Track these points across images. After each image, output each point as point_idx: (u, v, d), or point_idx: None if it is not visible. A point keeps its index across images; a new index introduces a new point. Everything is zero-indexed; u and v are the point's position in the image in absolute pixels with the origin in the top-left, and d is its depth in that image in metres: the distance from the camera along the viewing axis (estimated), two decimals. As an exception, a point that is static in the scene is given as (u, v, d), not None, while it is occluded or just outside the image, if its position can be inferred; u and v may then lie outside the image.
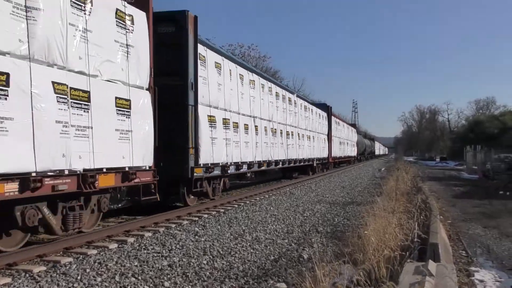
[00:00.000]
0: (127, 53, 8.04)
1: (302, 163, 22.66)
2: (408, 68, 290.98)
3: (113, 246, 7.07)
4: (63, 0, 6.45)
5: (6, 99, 5.48)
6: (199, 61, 10.85)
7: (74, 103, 6.63)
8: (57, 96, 6.25)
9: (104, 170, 7.36)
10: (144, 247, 7.06)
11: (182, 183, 10.75)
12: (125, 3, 8.12)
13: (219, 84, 12.10)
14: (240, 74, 13.84)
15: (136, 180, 8.19)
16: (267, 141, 16.37)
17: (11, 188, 5.66)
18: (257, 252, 7.02)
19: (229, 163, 12.64)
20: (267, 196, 14.46)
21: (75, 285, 5.18)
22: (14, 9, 5.69)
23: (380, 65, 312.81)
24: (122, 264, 6.07)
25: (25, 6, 5.84)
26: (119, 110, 7.74)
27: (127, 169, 7.93)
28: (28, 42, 5.85)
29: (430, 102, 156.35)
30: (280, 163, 18.46)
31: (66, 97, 6.41)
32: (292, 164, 20.57)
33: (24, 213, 6.11)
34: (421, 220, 8.06)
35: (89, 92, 6.94)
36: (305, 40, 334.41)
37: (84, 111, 6.82)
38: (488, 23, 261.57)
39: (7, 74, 5.52)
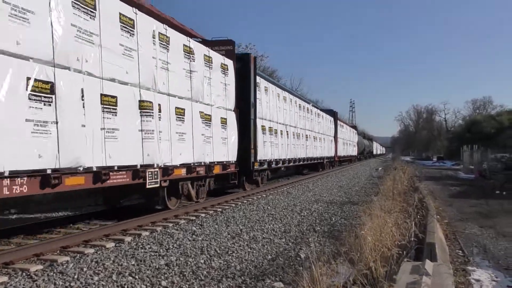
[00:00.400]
0: (225, 89, 12.63)
1: (315, 161, 27.15)
2: (405, 67, 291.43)
3: (110, 245, 7.07)
4: (204, 66, 11.30)
5: (183, 122, 10.16)
6: (256, 88, 15.12)
7: (205, 123, 11.22)
8: (201, 119, 11.00)
9: (215, 162, 11.85)
10: (141, 246, 7.06)
11: (244, 174, 14.50)
12: (225, 58, 12.73)
13: (266, 102, 16.64)
14: (277, 93, 18.47)
15: (229, 170, 12.73)
16: (294, 143, 20.86)
17: (182, 172, 10.04)
18: (254, 252, 7.02)
19: (272, 160, 17.09)
20: (264, 195, 14.46)
21: (72, 284, 5.18)
22: (187, 73, 10.40)
23: (378, 65, 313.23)
24: (119, 263, 6.07)
25: (190, 70, 10.47)
26: (222, 125, 12.33)
27: (225, 162, 12.51)
28: (191, 91, 10.56)
29: (427, 101, 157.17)
30: (302, 160, 22.94)
31: (204, 119, 11.12)
32: (308, 162, 25.10)
33: (182, 186, 10.62)
34: (418, 219, 8.08)
35: (210, 115, 11.56)
36: (303, 39, 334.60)
37: (209, 127, 11.43)
38: (485, 23, 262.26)
39: (184, 110, 10.14)
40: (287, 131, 19.58)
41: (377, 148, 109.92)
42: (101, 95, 7.38)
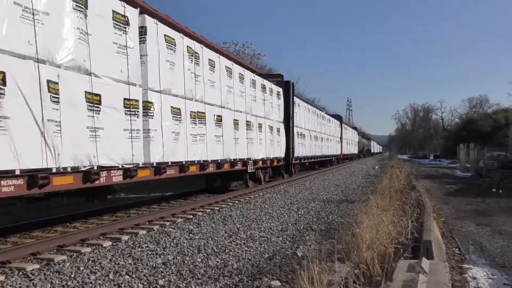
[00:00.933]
0: (279, 108, 18.65)
1: (327, 158, 33.50)
2: (402, 66, 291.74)
3: (107, 244, 7.06)
4: (270, 96, 17.24)
5: (261, 132, 16.04)
6: (294, 105, 20.94)
7: (271, 132, 17.20)
8: (269, 129, 16.96)
9: (275, 157, 17.87)
10: (138, 245, 7.05)
11: (283, 167, 20.08)
12: (278, 87, 18.54)
13: (299, 114, 22.64)
14: (305, 106, 24.84)
15: (280, 163, 18.89)
16: (314, 144, 27.11)
17: (261, 163, 16.08)
18: (251, 250, 7.02)
19: (301, 157, 23.22)
20: (261, 194, 14.47)
21: (68, 283, 5.17)
22: (263, 101, 16.49)
23: (375, 63, 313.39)
24: (116, 262, 6.06)
25: (264, 99, 16.30)
26: (277, 132, 18.24)
27: (278, 158, 18.42)
28: (264, 112, 16.45)
29: (424, 100, 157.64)
30: (318, 158, 29.23)
31: (270, 129, 17.09)
32: (322, 159, 31.40)
33: (258, 173, 16.34)
34: (414, 217, 8.10)
35: (273, 126, 17.46)
36: (300, 38, 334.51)
37: (272, 134, 17.30)
38: (482, 23, 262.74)
39: (261, 124, 16.08)
40: (310, 135, 25.72)
41: (375, 147, 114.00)
42: (233, 120, 13.52)
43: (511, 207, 14.27)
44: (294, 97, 21.25)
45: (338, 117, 42.35)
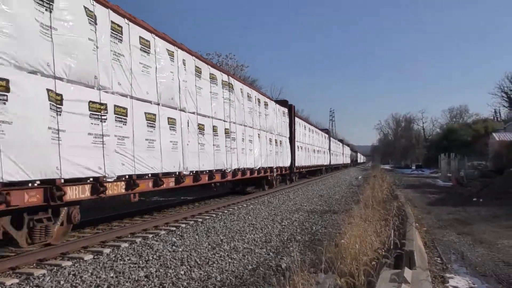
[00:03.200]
0: (286, 127, 23.84)
1: (318, 168, 38.31)
2: (383, 77, 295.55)
3: (89, 257, 6.96)
4: (282, 116, 23.18)
5: (277, 146, 21.58)
6: (295, 124, 26.23)
7: (280, 145, 21.99)
8: (287, 144, 24.03)
9: (285, 166, 23.19)
10: (120, 258, 6.97)
11: (287, 175, 24.99)
12: (285, 109, 23.75)
13: (299, 132, 28.14)
14: (302, 124, 30.46)
15: (286, 171, 23.95)
16: (310, 155, 32.66)
17: (279, 171, 22.54)
18: (235, 262, 6.99)
19: (299, 166, 27.86)
20: (245, 205, 14.43)
21: (48, 298, 5.08)
22: (280, 122, 22.79)
23: (357, 74, 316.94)
24: (97, 275, 5.97)
25: (282, 121, 23.50)
26: (285, 146, 23.24)
27: (287, 166, 23.66)
28: (282, 131, 23.08)
29: (406, 110, 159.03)
30: (312, 167, 34.63)
31: (286, 144, 23.60)
32: (315, 168, 36.55)
33: (274, 178, 21.58)
34: (397, 227, 8.16)
35: (282, 141, 22.36)
36: (283, 50, 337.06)
37: (282, 148, 22.48)
38: (459, 32, 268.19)
39: (277, 140, 21.69)
40: (306, 148, 30.84)
41: (360, 158, 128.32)
42: (268, 139, 19.62)
43: (491, 216, 14.47)
44: (296, 118, 27.28)
45: (326, 131, 48.69)
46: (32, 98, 6.15)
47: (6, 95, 5.73)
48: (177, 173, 10.59)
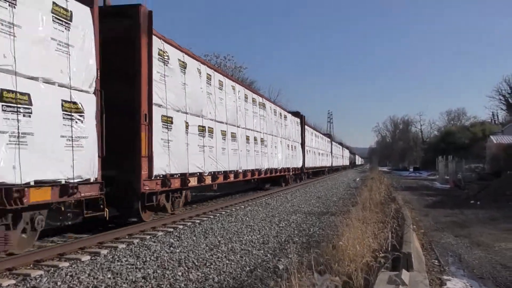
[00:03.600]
0: (298, 134, 28.78)
1: (322, 169, 42.61)
2: (382, 79, 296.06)
3: (86, 258, 6.94)
4: (296, 125, 27.94)
5: (292, 150, 25.93)
6: (306, 131, 31.63)
7: (294, 149, 27.28)
8: (298, 149, 28.37)
9: (297, 167, 27.64)
10: (117, 259, 6.95)
11: (299, 175, 29.08)
12: (297, 119, 29.02)
13: (308, 138, 32.19)
14: (311, 131, 35.40)
15: (298, 172, 28.68)
16: (316, 158, 37.14)
17: (293, 171, 26.76)
18: (232, 263, 6.99)
19: (308, 167, 31.97)
20: (243, 206, 14.43)
21: (45, 299, 5.07)
22: (293, 129, 26.85)
23: (356, 76, 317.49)
24: (94, 276, 5.96)
25: (297, 129, 28.66)
26: (299, 150, 28.10)
27: (299, 167, 28.22)
28: (293, 136, 26.74)
29: (404, 112, 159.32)
30: (317, 168, 38.96)
31: (296, 148, 27.51)
32: (319, 169, 40.60)
33: (286, 177, 25.13)
34: (395, 229, 8.17)
35: (296, 146, 27.66)
36: (282, 50, 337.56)
37: (296, 152, 27.67)
38: (458, 35, 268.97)
39: (292, 145, 26.28)
40: (313, 151, 35.49)
41: (358, 160, 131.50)
42: (287, 145, 24.12)
43: (489, 219, 14.49)
44: (306, 126, 31.81)
45: (328, 136, 53.47)
46: (180, 127, 10.82)
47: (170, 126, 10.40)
48: (236, 171, 15.19)
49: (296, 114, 28.99)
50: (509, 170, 25.01)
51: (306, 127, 31.79)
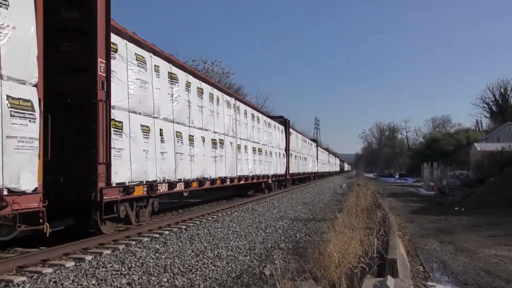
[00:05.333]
0: (282, 140, 27.68)
1: (308, 175, 41.84)
2: (368, 85, 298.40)
3: (70, 264, 6.86)
4: (280, 133, 27.22)
5: (267, 156, 23.11)
6: (290, 136, 30.21)
7: (282, 157, 27.57)
8: (279, 155, 26.80)
9: (280, 173, 26.23)
10: (102, 265, 6.88)
11: (282, 181, 28.36)
12: (282, 126, 27.60)
13: (293, 143, 31.28)
14: (296, 135, 34.57)
15: (282, 178, 27.30)
16: (301, 163, 36.19)
17: (276, 178, 25.89)
18: (218, 269, 6.96)
19: (293, 173, 31.41)
20: (229, 212, 14.40)
21: (28, 305, 4.99)
22: (278, 137, 26.95)
23: (342, 83, 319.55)
24: (79, 282, 5.89)
25: (282, 137, 28.03)
26: (282, 157, 27.09)
27: (282, 173, 26.74)
28: (270, 143, 23.78)
29: (390, 119, 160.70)
30: (302, 174, 37.47)
31: (279, 155, 26.45)
32: (304, 176, 38.98)
33: (269, 184, 24.10)
34: (380, 236, 8.21)
35: (280, 153, 26.68)
36: (269, 57, 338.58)
37: (280, 159, 26.65)
38: (442, 42, 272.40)
39: (261, 149, 22.30)
40: (299, 156, 35.07)
41: (346, 166, 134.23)
42: (269, 152, 23.31)
43: (473, 225, 14.66)
44: (290, 130, 30.81)
45: (314, 141, 53.63)
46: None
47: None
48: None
49: (280, 118, 28.71)
50: (492, 177, 25.34)
51: (291, 130, 30.95)
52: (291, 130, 31.05)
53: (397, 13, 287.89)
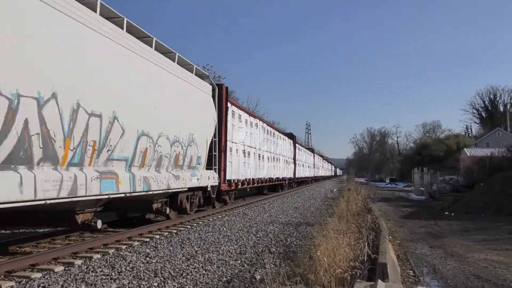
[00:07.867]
0: (291, 150, 36.24)
1: (305, 179, 48.80)
2: (359, 90, 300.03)
3: (59, 269, 6.80)
4: (291, 146, 35.99)
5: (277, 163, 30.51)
6: (297, 148, 41.09)
7: (290, 164, 35.83)
8: (289, 163, 34.96)
9: (289, 176, 35.69)
10: (92, 269, 6.83)
11: (291, 183, 36.82)
12: (290, 139, 35.98)
13: (298, 154, 40.80)
14: (299, 147, 42.50)
15: (291, 180, 36.17)
16: (303, 169, 44.92)
17: (286, 181, 34.73)
18: (209, 274, 6.94)
19: (298, 177, 40.42)
20: (220, 216, 14.37)
21: (16, 310, 4.95)
22: (288, 147, 34.81)
23: (333, 87, 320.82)
24: None
25: (291, 150, 36.99)
26: (290, 164, 35.59)
27: (290, 177, 35.53)
28: (284, 154, 32.49)
29: (381, 124, 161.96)
30: (302, 178, 45.76)
31: (288, 163, 33.98)
32: (303, 179, 46.58)
33: (283, 185, 33.70)
34: (371, 240, 8.24)
35: (289, 161, 35.28)
36: (260, 62, 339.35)
37: (289, 165, 34.89)
38: (432, 49, 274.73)
39: (278, 159, 31.42)
40: (302, 164, 43.58)
41: (338, 171, 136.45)
42: (285, 161, 33.13)
43: (462, 230, 14.77)
44: (297, 144, 39.40)
45: (311, 150, 60.90)
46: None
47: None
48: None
49: (290, 135, 37.19)
50: (481, 183, 25.55)
51: (297, 145, 39.51)
52: (297, 144, 39.92)
53: (389, 21, 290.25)
